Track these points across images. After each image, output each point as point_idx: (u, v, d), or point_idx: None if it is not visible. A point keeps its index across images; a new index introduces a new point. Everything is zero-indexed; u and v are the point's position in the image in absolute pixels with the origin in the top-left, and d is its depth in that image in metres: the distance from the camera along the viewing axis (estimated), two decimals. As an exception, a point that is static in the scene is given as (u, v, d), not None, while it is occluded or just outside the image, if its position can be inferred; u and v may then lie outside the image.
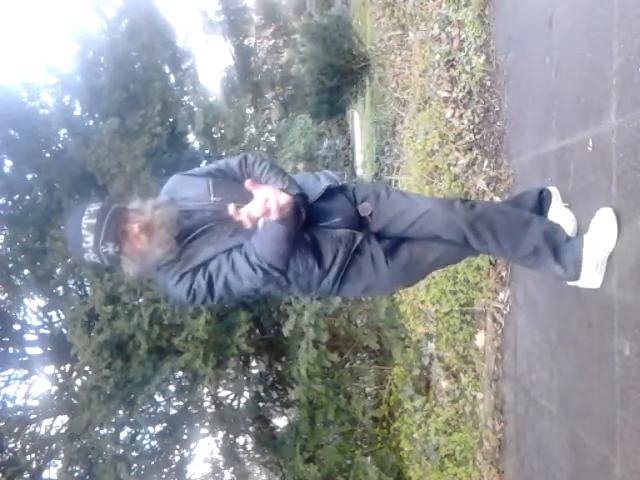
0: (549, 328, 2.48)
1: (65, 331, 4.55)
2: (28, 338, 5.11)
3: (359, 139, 10.34)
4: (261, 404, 5.52)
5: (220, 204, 1.90)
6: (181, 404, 5.15)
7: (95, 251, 1.79)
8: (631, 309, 1.77)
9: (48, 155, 4.89)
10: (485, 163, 3.31)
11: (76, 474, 4.70)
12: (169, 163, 4.85)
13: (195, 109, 5.20)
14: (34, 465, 4.95)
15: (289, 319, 4.33)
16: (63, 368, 5.12)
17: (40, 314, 5.12)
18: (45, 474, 5.04)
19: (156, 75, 5.22)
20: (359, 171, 9.32)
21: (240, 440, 5.64)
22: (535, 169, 2.57)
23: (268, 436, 5.54)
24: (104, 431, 4.64)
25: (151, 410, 5.02)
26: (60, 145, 4.95)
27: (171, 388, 5.06)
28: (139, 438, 4.96)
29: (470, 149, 3.49)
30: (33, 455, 5.00)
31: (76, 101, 5.11)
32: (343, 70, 7.87)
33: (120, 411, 4.57)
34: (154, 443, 5.13)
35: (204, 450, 5.70)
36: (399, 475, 4.65)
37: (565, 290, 2.22)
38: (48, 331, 5.07)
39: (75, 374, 4.95)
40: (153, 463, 5.02)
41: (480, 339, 3.46)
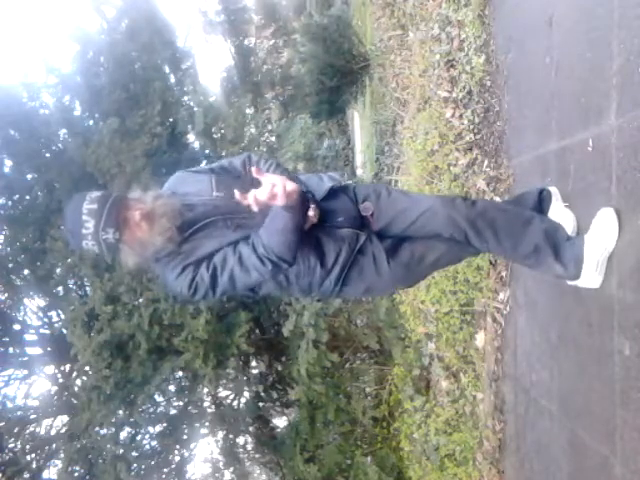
0: (549, 328, 2.48)
1: (65, 331, 4.55)
2: (28, 338, 5.11)
3: (359, 139, 10.34)
4: (261, 404, 5.51)
5: (222, 199, 1.90)
6: (181, 404, 5.15)
7: (95, 237, 1.76)
8: (631, 309, 1.78)
9: (48, 155, 4.88)
10: (485, 163, 3.31)
11: (76, 474, 4.69)
12: (169, 163, 4.85)
13: (195, 109, 5.19)
14: (34, 465, 4.94)
15: (289, 319, 4.33)
16: (63, 368, 5.12)
17: (40, 314, 5.12)
18: (45, 474, 5.03)
19: (156, 75, 5.22)
20: (359, 171, 9.32)
21: (240, 440, 5.63)
22: (535, 169, 2.57)
23: (268, 436, 5.54)
24: (104, 431, 4.63)
25: (151, 410, 5.01)
26: (60, 145, 4.94)
27: (171, 388, 5.06)
28: (139, 438, 4.95)
29: (470, 149, 3.49)
30: (33, 455, 4.99)
31: (76, 101, 5.10)
32: (343, 70, 7.87)
33: (120, 411, 4.57)
34: (154, 443, 5.13)
35: (204, 450, 5.70)
36: (399, 475, 4.65)
37: (565, 290, 2.22)
38: (48, 331, 5.06)
39: (75, 374, 4.94)
40: (153, 463, 5.02)
41: (480, 339, 3.46)
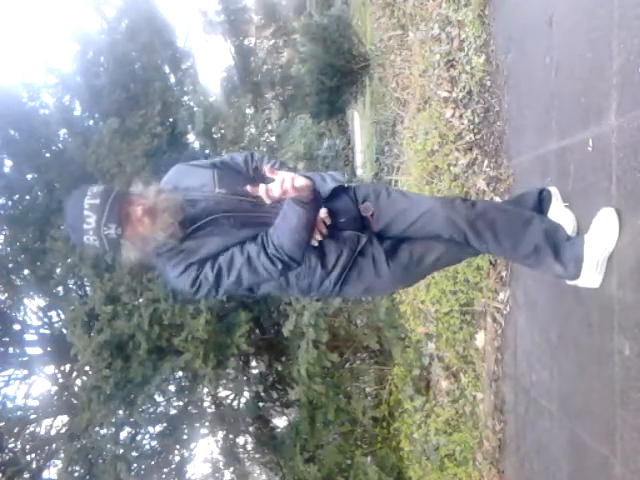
0: (549, 328, 2.48)
1: (65, 331, 4.55)
2: (28, 338, 5.11)
3: (359, 139, 10.34)
4: (261, 404, 5.51)
5: (224, 196, 1.90)
6: (181, 404, 5.15)
7: (96, 233, 1.74)
8: (631, 309, 1.77)
9: (48, 155, 4.88)
10: (485, 163, 3.31)
11: (76, 474, 4.69)
12: (169, 163, 4.80)
13: (195, 109, 5.18)
14: (34, 465, 4.94)
15: (289, 319, 4.33)
16: (63, 368, 5.11)
17: (40, 314, 5.11)
18: (45, 474, 5.03)
19: (156, 75, 5.21)
20: (359, 171, 9.32)
21: (240, 440, 5.63)
22: (535, 169, 2.57)
23: (268, 436, 5.53)
24: (104, 431, 4.63)
25: (151, 410, 5.01)
26: (60, 145, 4.94)
27: (171, 388, 5.05)
28: (139, 438, 4.95)
29: (470, 149, 3.49)
30: (33, 455, 4.99)
31: (76, 101, 5.10)
32: (343, 70, 7.87)
33: (120, 411, 4.57)
34: (154, 443, 5.12)
35: (204, 450, 5.70)
36: (399, 475, 4.65)
37: (565, 290, 2.22)
38: (48, 331, 5.06)
39: (75, 374, 4.94)
40: (153, 463, 5.01)
41: (480, 339, 3.46)
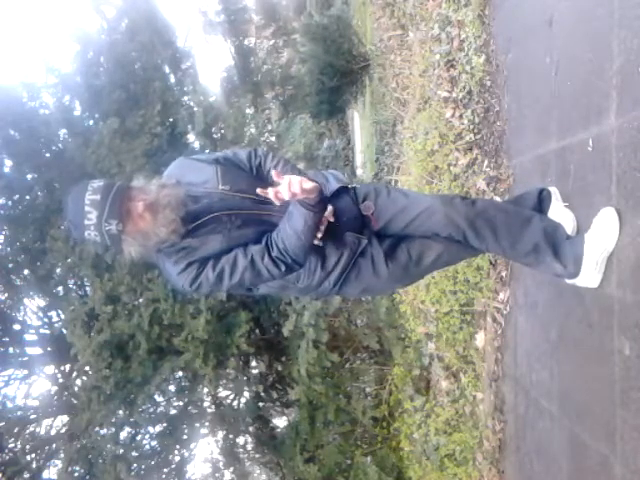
0: (549, 328, 2.48)
1: (65, 331, 4.54)
2: (28, 338, 5.10)
3: (359, 139, 10.35)
4: (261, 404, 5.51)
5: (228, 193, 1.89)
6: (181, 404, 5.14)
7: (97, 229, 1.72)
8: (631, 309, 1.77)
9: (48, 155, 4.87)
10: (485, 163, 3.31)
11: (76, 474, 4.69)
12: (169, 163, 4.81)
13: (195, 109, 5.18)
14: (34, 465, 4.94)
15: (289, 319, 4.33)
16: (63, 368, 5.11)
17: (40, 314, 5.11)
18: (45, 474, 5.02)
19: (156, 75, 5.21)
20: (359, 171, 9.32)
21: (240, 440, 5.63)
22: (535, 169, 2.57)
23: (268, 436, 5.53)
24: (104, 431, 4.63)
25: (151, 410, 5.00)
26: (60, 145, 4.93)
27: (171, 388, 5.05)
28: (139, 438, 4.95)
29: (470, 149, 3.49)
30: (33, 455, 4.98)
31: (76, 101, 5.09)
32: (343, 70, 7.86)
33: (120, 411, 4.57)
34: (154, 443, 5.11)
35: (204, 450, 5.70)
36: (399, 475, 4.64)
37: (565, 290, 2.22)
38: (48, 331, 5.05)
39: (75, 374, 4.94)
40: (153, 463, 5.01)
41: (480, 339, 3.46)
